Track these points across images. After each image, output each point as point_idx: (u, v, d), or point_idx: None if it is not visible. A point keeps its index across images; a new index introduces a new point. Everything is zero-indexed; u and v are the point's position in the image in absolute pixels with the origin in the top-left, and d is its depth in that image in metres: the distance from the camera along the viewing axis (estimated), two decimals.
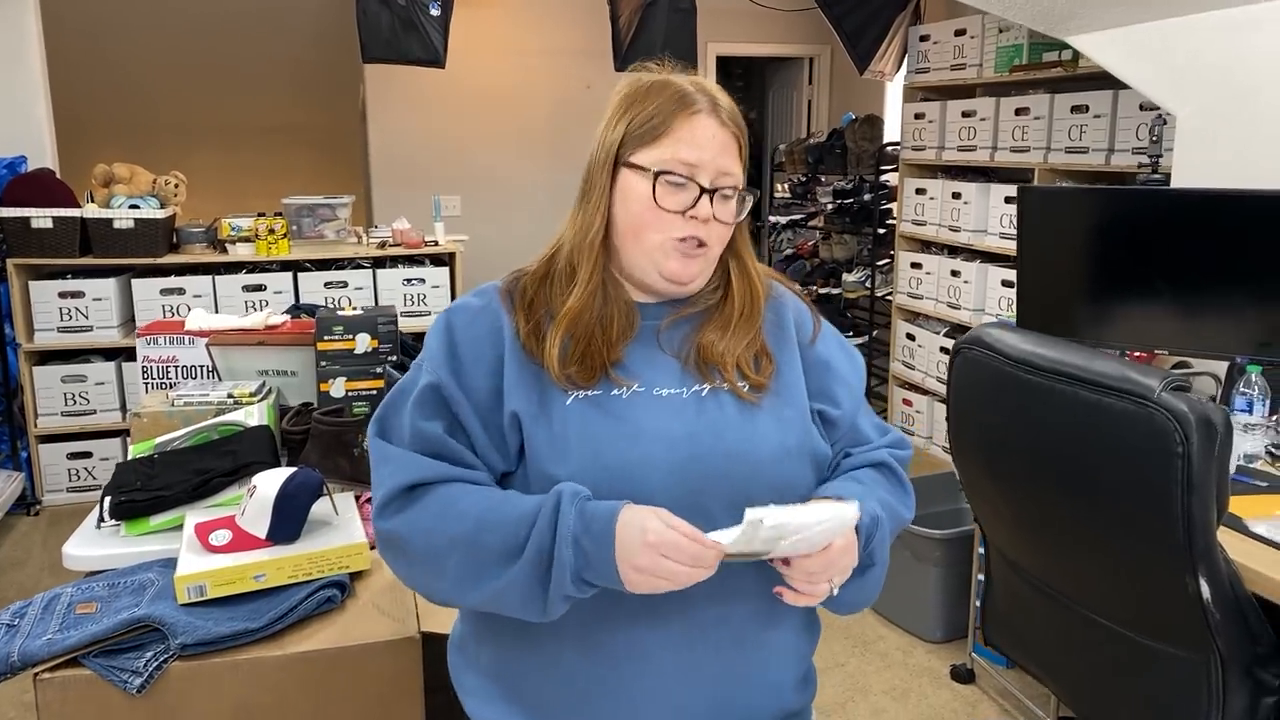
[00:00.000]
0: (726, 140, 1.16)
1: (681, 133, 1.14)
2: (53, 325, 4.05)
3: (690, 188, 1.13)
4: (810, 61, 6.70)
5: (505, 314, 1.17)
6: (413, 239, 4.44)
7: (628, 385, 1.14)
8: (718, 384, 1.16)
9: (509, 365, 1.14)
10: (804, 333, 1.26)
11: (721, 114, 1.16)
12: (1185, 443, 1.50)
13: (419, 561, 1.13)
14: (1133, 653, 1.77)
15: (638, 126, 1.15)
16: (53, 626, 1.54)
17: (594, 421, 1.12)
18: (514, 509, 1.08)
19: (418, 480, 1.11)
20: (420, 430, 1.14)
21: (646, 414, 1.13)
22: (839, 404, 1.25)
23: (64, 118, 4.61)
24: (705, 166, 1.13)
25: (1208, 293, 2.37)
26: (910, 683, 2.88)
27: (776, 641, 1.21)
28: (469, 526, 1.08)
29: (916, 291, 4.90)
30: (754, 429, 1.15)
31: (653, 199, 1.13)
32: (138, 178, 4.15)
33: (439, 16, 4.30)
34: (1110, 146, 3.73)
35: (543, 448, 1.11)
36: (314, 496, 1.73)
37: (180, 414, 2.08)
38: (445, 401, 1.14)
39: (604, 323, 1.16)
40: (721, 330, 1.19)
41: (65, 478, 4.18)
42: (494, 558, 1.06)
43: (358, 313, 2.30)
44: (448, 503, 1.10)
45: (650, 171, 1.13)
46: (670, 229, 1.14)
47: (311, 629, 1.59)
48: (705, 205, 1.14)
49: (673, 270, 1.16)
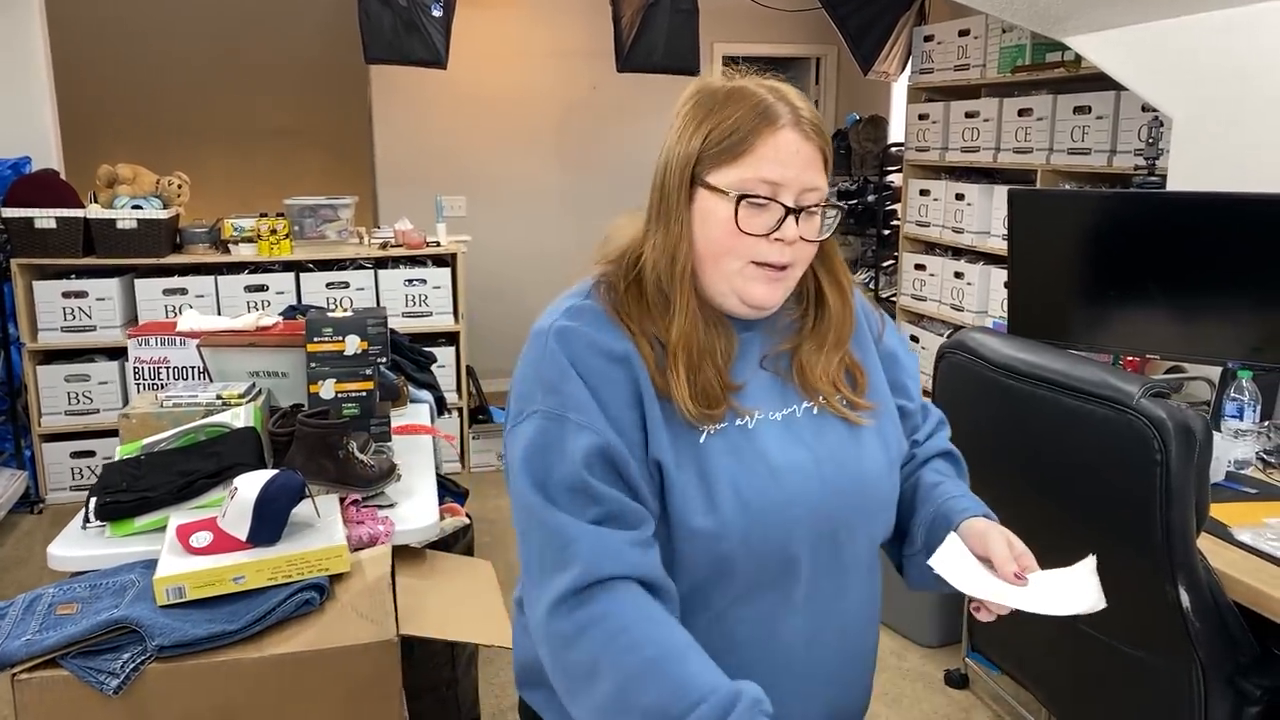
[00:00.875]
0: (811, 155, 1.06)
1: (764, 150, 1.04)
2: (56, 325, 4.08)
3: (774, 209, 1.05)
4: (817, 62, 6.68)
5: (627, 338, 1.07)
6: (414, 239, 4.45)
7: (748, 414, 1.09)
8: (820, 402, 1.13)
9: (648, 401, 1.06)
10: (874, 329, 1.24)
11: (805, 126, 1.06)
12: (1164, 450, 1.50)
13: (573, 670, 1.01)
14: (1116, 661, 1.76)
15: (715, 143, 1.05)
16: (32, 627, 1.55)
17: (732, 463, 1.06)
18: (686, 671, 0.97)
19: (601, 576, 1.00)
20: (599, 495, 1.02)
21: (774, 445, 1.08)
22: (911, 395, 1.25)
23: (70, 119, 4.64)
24: (789, 185, 1.05)
25: (1201, 297, 2.35)
26: (904, 687, 2.87)
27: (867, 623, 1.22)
28: (634, 666, 0.97)
29: (920, 293, 4.88)
30: (863, 450, 1.13)
31: (734, 223, 1.05)
32: (141, 178, 4.17)
33: (441, 17, 4.30)
34: (1112, 148, 3.71)
35: (687, 498, 1.04)
36: (295, 499, 1.74)
37: (169, 415, 2.08)
38: (613, 462, 1.03)
39: (711, 349, 1.08)
40: (817, 348, 1.14)
41: (68, 476, 4.21)
42: (641, 712, 0.96)
43: (348, 314, 2.31)
44: (625, 623, 0.99)
45: (731, 195, 1.04)
46: (752, 253, 1.06)
47: (290, 631, 1.60)
48: (790, 227, 1.05)
49: (756, 296, 1.08)
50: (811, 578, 1.10)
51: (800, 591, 1.10)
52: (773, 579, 1.09)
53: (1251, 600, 1.65)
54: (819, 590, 1.11)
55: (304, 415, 1.99)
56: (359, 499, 1.96)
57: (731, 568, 1.07)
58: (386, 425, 2.32)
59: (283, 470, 1.79)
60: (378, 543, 1.85)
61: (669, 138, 1.10)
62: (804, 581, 1.10)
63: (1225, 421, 2.23)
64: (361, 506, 1.95)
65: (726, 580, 1.08)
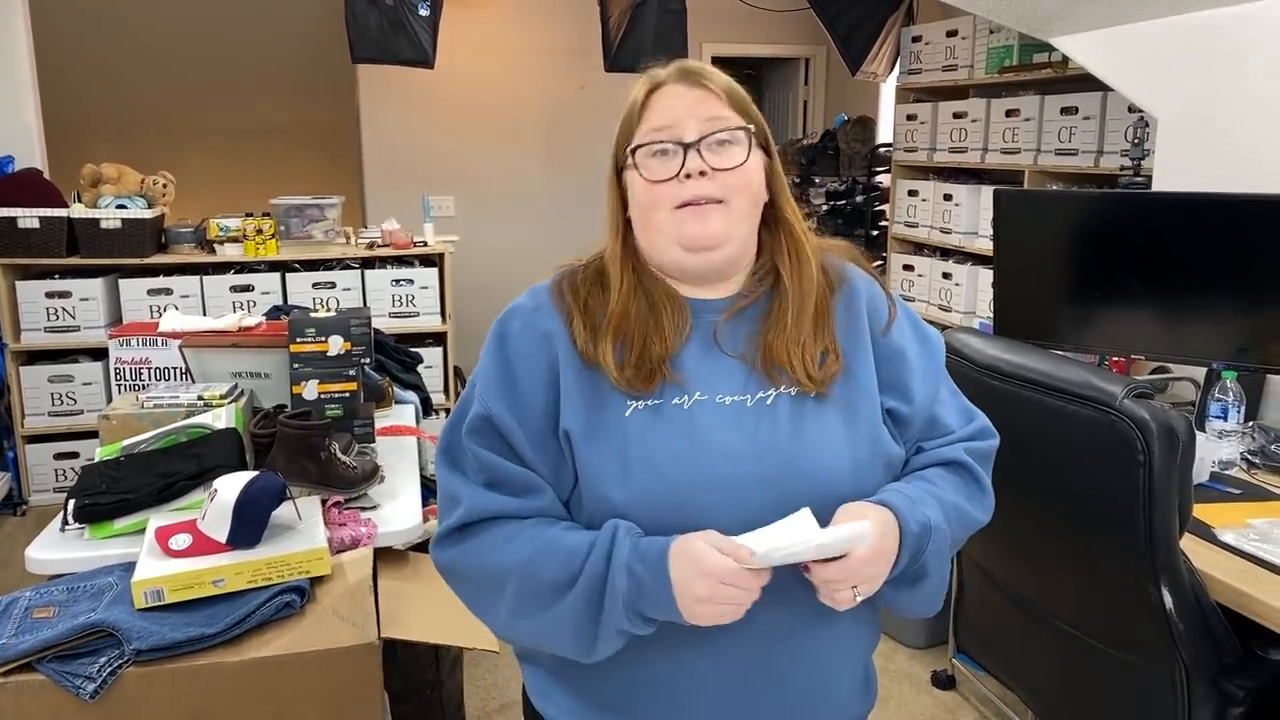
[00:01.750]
0: (701, 95, 1.10)
1: (652, 110, 1.11)
2: (40, 325, 4.05)
3: (674, 151, 1.08)
4: (806, 62, 6.68)
5: (558, 315, 1.12)
6: (401, 240, 4.43)
7: (689, 394, 1.08)
8: (784, 388, 1.09)
9: (565, 374, 1.09)
10: (878, 320, 1.16)
11: (691, 78, 1.11)
12: (1147, 451, 1.49)
13: (475, 592, 1.11)
14: (1099, 663, 1.76)
15: (623, 125, 1.13)
16: (7, 631, 1.53)
17: (655, 438, 1.06)
18: (570, 541, 1.04)
19: (479, 517, 1.09)
20: (481, 460, 1.10)
21: (709, 427, 1.06)
22: (911, 399, 1.15)
23: (54, 118, 4.60)
24: (680, 124, 1.08)
25: (1186, 298, 2.35)
26: (891, 688, 2.87)
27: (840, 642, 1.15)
28: (523, 557, 1.05)
29: (908, 294, 4.88)
30: (821, 442, 1.08)
31: (643, 178, 1.09)
32: (125, 178, 4.14)
33: (428, 17, 4.29)
34: (1099, 148, 3.71)
35: (599, 468, 1.06)
36: (275, 501, 1.72)
37: (150, 416, 2.07)
38: (499, 432, 1.09)
39: (656, 319, 1.10)
40: (784, 325, 1.11)
41: (52, 478, 4.18)
42: (547, 587, 1.03)
43: (331, 315, 2.29)
44: (505, 536, 1.07)
45: (635, 155, 1.10)
46: (674, 199, 1.08)
47: (270, 634, 1.59)
48: (695, 159, 1.07)
49: (692, 233, 1.08)
50: None
51: None
52: None
53: (1235, 601, 1.65)
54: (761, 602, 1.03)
55: (286, 416, 1.98)
56: (341, 501, 1.95)
57: None
58: (370, 426, 2.31)
59: (263, 472, 1.77)
60: (360, 545, 1.84)
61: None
62: None
63: (1210, 422, 2.23)
64: (344, 508, 1.94)
65: None
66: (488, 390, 1.10)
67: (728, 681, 1.10)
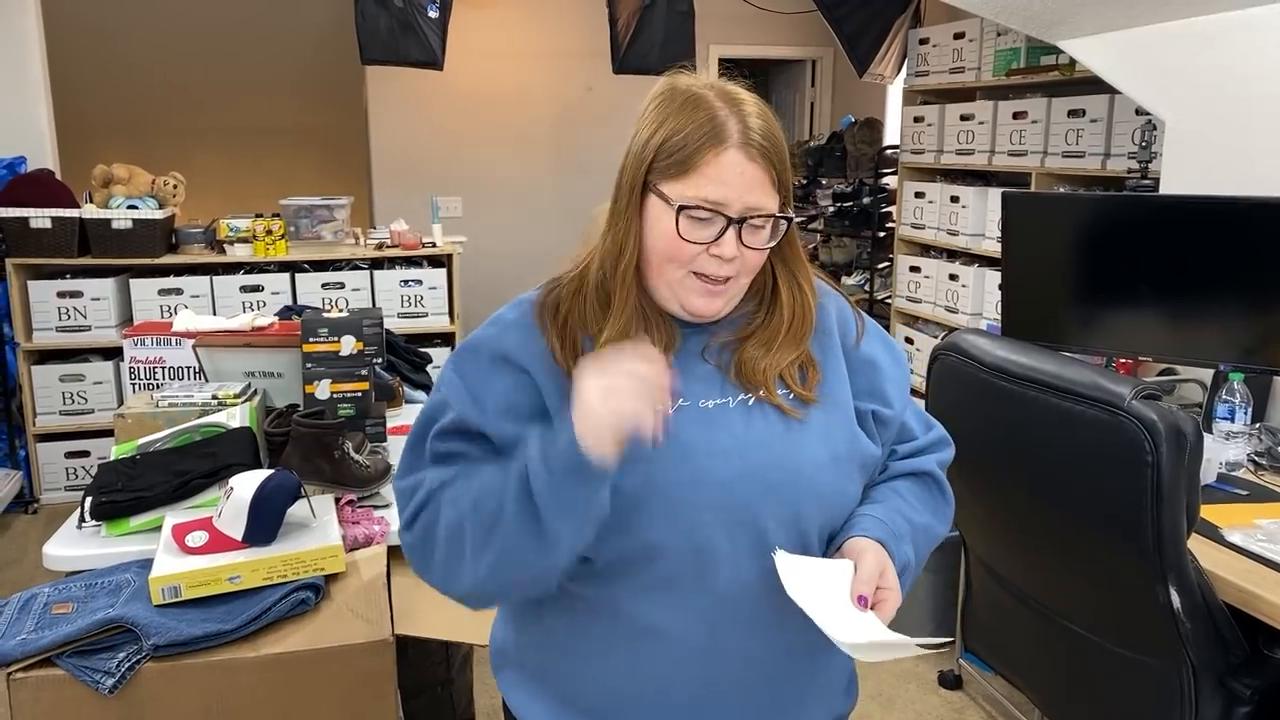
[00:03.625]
0: (756, 175, 1.07)
1: (709, 170, 1.06)
2: (51, 325, 4.08)
3: (715, 221, 1.07)
4: (813, 64, 6.70)
5: (538, 334, 1.13)
6: (410, 240, 4.45)
7: (672, 400, 1.09)
8: (762, 395, 1.12)
9: (545, 387, 1.10)
10: (848, 334, 1.21)
11: (753, 148, 1.07)
12: (1155, 452, 1.51)
13: (442, 553, 1.09)
14: (1107, 662, 1.77)
15: (666, 154, 1.08)
16: (28, 626, 1.55)
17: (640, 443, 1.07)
18: (501, 468, 1.05)
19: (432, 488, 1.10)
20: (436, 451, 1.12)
21: (694, 428, 1.09)
22: (890, 403, 1.21)
23: (66, 119, 4.64)
24: (731, 205, 1.07)
25: (1193, 299, 2.36)
26: (897, 688, 2.88)
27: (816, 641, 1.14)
28: (469, 499, 1.06)
29: (915, 295, 4.90)
30: (801, 440, 1.12)
31: (676, 232, 1.07)
32: (136, 178, 4.17)
33: (437, 19, 4.31)
34: (1106, 151, 3.72)
35: None
36: (290, 499, 1.74)
37: (164, 415, 2.09)
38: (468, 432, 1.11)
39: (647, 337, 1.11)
40: (766, 346, 1.14)
41: (63, 476, 4.21)
42: (490, 513, 1.03)
43: (343, 315, 2.31)
44: (454, 492, 1.08)
45: (674, 205, 1.07)
46: (693, 263, 1.09)
47: (285, 631, 1.61)
48: (730, 241, 1.07)
49: (695, 307, 1.11)
50: (736, 576, 1.09)
51: (723, 589, 1.09)
52: (687, 570, 1.08)
53: (1241, 601, 1.66)
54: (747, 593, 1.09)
55: (299, 415, 1.99)
56: (354, 499, 1.97)
57: (635, 547, 1.07)
58: (382, 425, 2.33)
59: (278, 470, 1.79)
60: (373, 543, 1.86)
61: (633, 132, 1.13)
62: (725, 578, 1.09)
63: (1217, 423, 2.24)
64: (357, 507, 1.96)
65: (634, 569, 1.08)
66: (457, 396, 1.12)
67: (719, 678, 1.12)
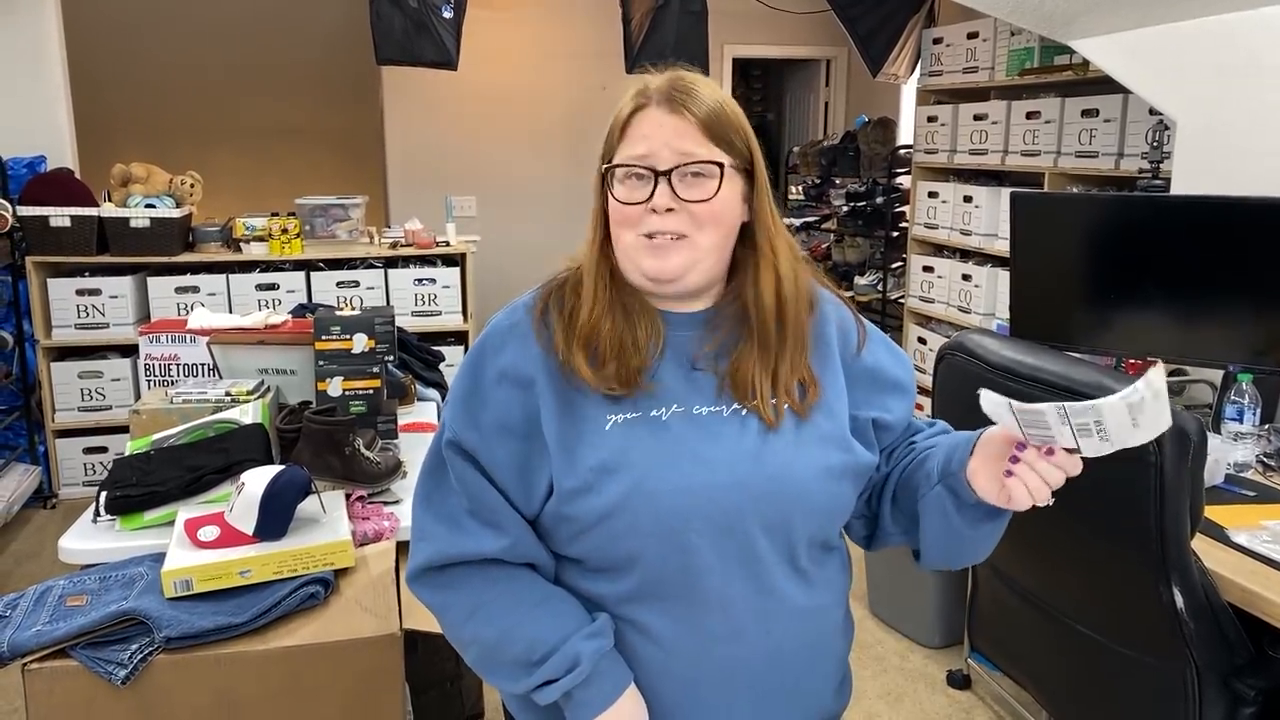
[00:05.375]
0: (680, 125, 1.09)
1: (632, 131, 1.12)
2: (70, 322, 4.13)
3: (646, 177, 1.09)
4: (827, 64, 6.69)
5: (533, 333, 1.14)
6: (424, 239, 4.48)
7: (666, 405, 1.11)
8: (755, 405, 1.12)
9: (542, 394, 1.12)
10: (849, 343, 1.21)
11: (675, 103, 1.10)
12: (1158, 452, 1.51)
13: (447, 629, 1.18)
14: (1111, 662, 1.78)
15: (609, 133, 1.15)
16: (42, 618, 1.58)
17: (635, 447, 1.09)
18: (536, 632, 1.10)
19: (444, 562, 1.13)
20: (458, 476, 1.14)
21: (687, 436, 1.10)
22: (892, 409, 1.21)
23: (85, 119, 4.69)
24: (656, 154, 1.09)
25: (1202, 300, 2.36)
26: (905, 688, 2.89)
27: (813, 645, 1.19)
28: (493, 633, 1.12)
29: (928, 295, 4.89)
30: (795, 451, 1.11)
31: (615, 198, 1.12)
32: (154, 177, 4.21)
33: (451, 19, 4.33)
34: (1120, 151, 3.71)
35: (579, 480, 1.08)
36: (301, 494, 1.76)
37: (179, 411, 2.11)
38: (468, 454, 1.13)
39: (631, 333, 1.13)
40: (760, 355, 1.13)
41: (81, 471, 4.26)
42: (508, 666, 1.12)
43: (356, 313, 2.33)
44: (476, 602, 1.13)
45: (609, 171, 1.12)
46: (640, 225, 1.10)
47: (295, 624, 1.63)
48: (663, 193, 1.08)
49: (649, 268, 1.11)
50: (723, 584, 1.09)
51: (710, 596, 1.10)
52: (674, 577, 1.09)
53: (1246, 602, 1.66)
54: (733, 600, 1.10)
55: (311, 412, 2.02)
56: (364, 495, 1.99)
57: (624, 553, 1.09)
58: (393, 423, 2.34)
59: (289, 466, 1.81)
60: (383, 538, 1.88)
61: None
62: (714, 588, 1.09)
63: (1225, 424, 2.23)
64: (367, 503, 1.98)
65: (622, 574, 1.10)
66: (455, 417, 1.14)
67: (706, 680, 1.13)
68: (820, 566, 1.17)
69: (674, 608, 1.10)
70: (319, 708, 1.61)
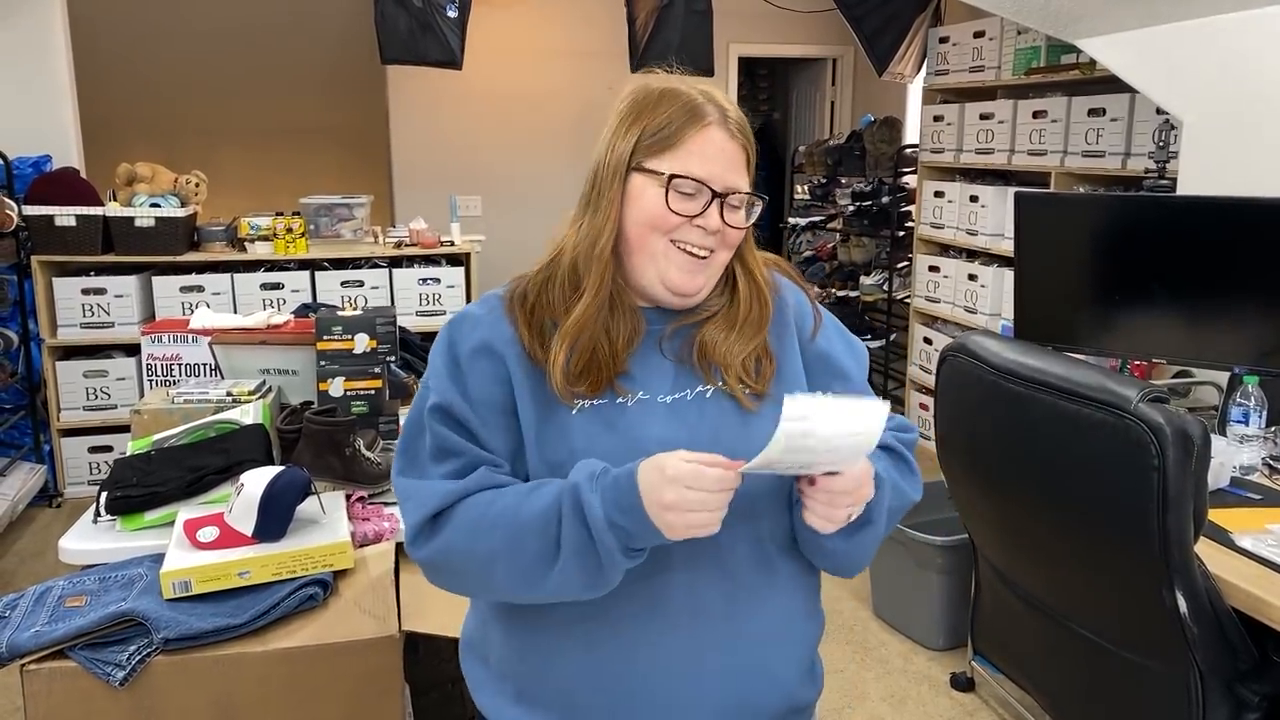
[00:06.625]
0: (735, 153, 1.16)
1: (693, 145, 1.14)
2: (75, 321, 4.13)
3: (701, 194, 1.13)
4: (833, 63, 6.67)
5: (508, 323, 1.17)
6: (428, 239, 4.48)
7: (632, 394, 1.15)
8: (719, 385, 1.16)
9: (515, 375, 1.15)
10: (804, 327, 1.25)
11: (731, 126, 1.16)
12: (1161, 455, 1.50)
13: (465, 578, 1.17)
14: (1114, 666, 1.77)
15: (649, 136, 1.14)
16: (41, 619, 1.58)
17: (599, 435, 1.12)
18: (537, 506, 1.08)
19: (439, 508, 1.13)
20: (439, 439, 1.15)
21: (650, 422, 1.13)
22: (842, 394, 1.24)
23: (90, 118, 4.69)
24: (715, 180, 1.13)
25: (1208, 301, 2.34)
26: (909, 690, 2.88)
27: (778, 630, 1.20)
28: (501, 538, 1.09)
29: (934, 295, 4.87)
30: (757, 434, 1.11)
31: (664, 203, 1.13)
32: (159, 177, 4.22)
33: (456, 18, 4.33)
34: (1127, 150, 3.69)
35: (547, 463, 1.13)
36: (300, 495, 1.76)
37: (180, 411, 2.12)
38: (456, 419, 1.15)
39: (610, 332, 1.15)
40: (726, 331, 1.18)
41: (86, 470, 4.26)
42: (535, 561, 1.08)
43: (357, 313, 2.33)
44: (474, 519, 1.11)
45: (664, 175, 1.13)
46: (676, 234, 1.14)
47: (294, 626, 1.63)
48: (714, 213, 1.13)
49: (675, 282, 1.15)
50: (685, 563, 1.12)
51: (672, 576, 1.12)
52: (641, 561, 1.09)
53: (1251, 607, 1.64)
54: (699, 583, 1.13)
55: (311, 413, 2.01)
56: (365, 496, 1.99)
57: None
58: (395, 423, 2.34)
59: (289, 467, 1.81)
60: (382, 539, 1.87)
61: (605, 134, 1.19)
62: (676, 568, 1.12)
63: (1231, 427, 2.22)
64: (367, 504, 1.98)
65: None
66: (441, 386, 1.16)
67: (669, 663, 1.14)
68: (784, 550, 1.19)
69: (637, 592, 1.11)
70: (318, 709, 1.61)
